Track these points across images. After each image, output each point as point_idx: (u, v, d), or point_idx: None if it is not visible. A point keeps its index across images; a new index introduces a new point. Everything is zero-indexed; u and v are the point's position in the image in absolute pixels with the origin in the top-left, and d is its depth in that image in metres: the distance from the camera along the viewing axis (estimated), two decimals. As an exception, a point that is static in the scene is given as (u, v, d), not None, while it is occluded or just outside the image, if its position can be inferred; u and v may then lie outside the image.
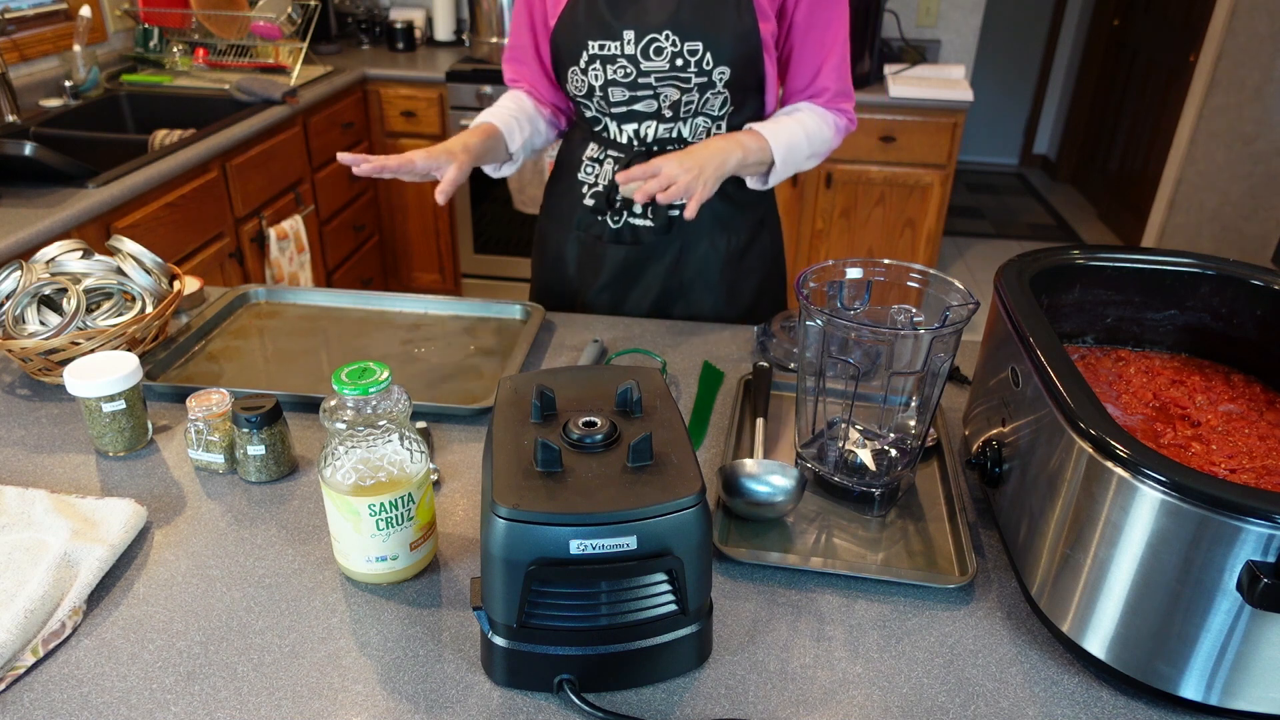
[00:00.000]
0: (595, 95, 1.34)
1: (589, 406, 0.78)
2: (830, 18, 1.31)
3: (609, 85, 1.32)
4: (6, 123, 2.29)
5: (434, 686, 0.75)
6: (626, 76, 1.31)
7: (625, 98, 1.33)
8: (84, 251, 1.22)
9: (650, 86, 1.31)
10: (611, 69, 1.31)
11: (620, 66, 1.30)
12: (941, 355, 0.93)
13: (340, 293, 1.42)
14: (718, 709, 0.73)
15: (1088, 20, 5.24)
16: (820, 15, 1.31)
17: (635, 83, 1.31)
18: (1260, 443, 0.86)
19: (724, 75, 1.29)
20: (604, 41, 1.29)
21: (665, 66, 1.29)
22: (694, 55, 1.27)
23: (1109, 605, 0.73)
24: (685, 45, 1.27)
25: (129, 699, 0.73)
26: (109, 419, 1.01)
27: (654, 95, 1.32)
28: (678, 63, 1.28)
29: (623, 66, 1.30)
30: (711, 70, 1.28)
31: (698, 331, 1.37)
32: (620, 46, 1.29)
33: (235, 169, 2.40)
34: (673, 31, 1.26)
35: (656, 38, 1.27)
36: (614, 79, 1.31)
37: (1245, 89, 3.73)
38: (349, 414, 0.78)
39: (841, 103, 1.38)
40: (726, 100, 1.32)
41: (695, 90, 1.31)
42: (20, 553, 0.84)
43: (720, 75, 1.29)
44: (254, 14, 2.92)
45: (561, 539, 0.66)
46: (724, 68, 1.28)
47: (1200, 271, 1.00)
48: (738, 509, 0.95)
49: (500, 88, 3.06)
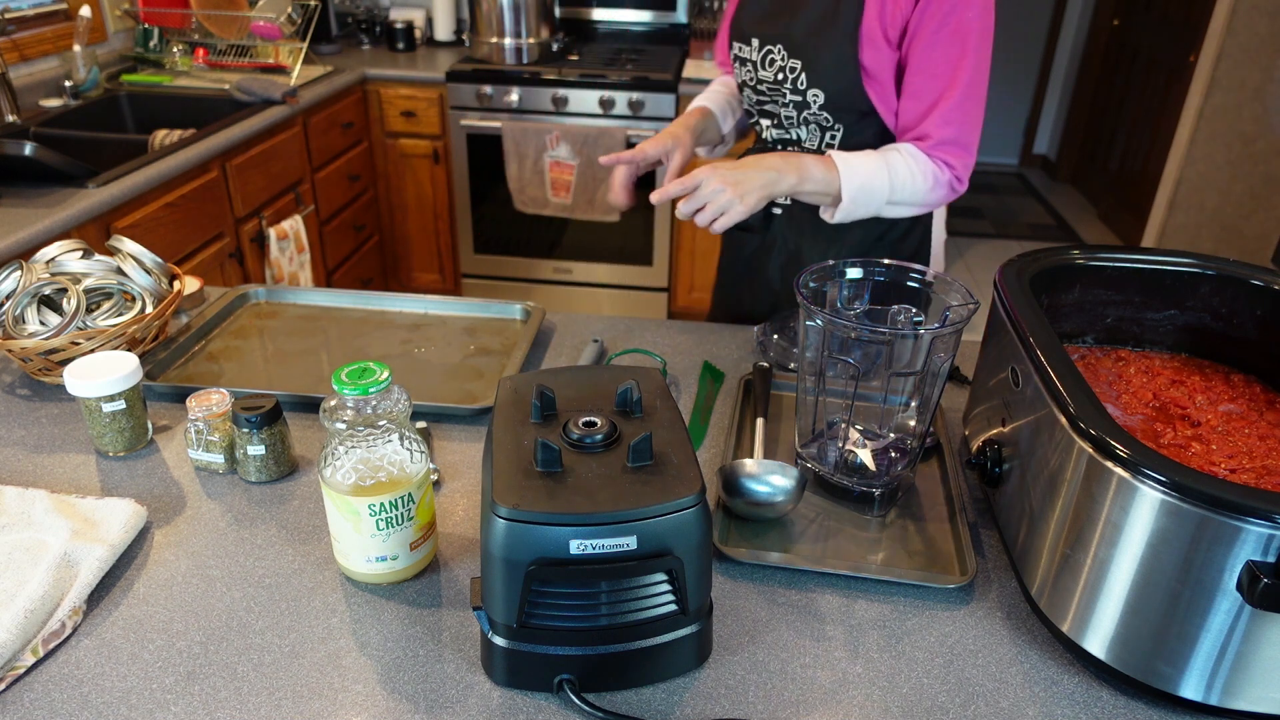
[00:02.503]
0: (743, 91, 1.40)
1: (589, 406, 0.78)
2: (943, 59, 1.18)
3: (743, 86, 1.38)
4: (6, 123, 2.29)
5: (434, 686, 0.75)
6: (750, 81, 1.35)
7: (753, 100, 1.37)
8: (84, 251, 1.22)
9: (766, 95, 1.34)
10: (744, 71, 1.35)
11: (749, 70, 1.34)
12: (941, 355, 0.93)
13: (340, 293, 1.42)
14: (718, 709, 0.73)
15: (1088, 20, 5.24)
16: (933, 55, 1.18)
17: (756, 88, 1.35)
18: (1260, 443, 0.86)
19: (818, 98, 1.27)
20: (740, 45, 1.34)
21: (771, 78, 1.31)
22: (793, 73, 1.28)
23: (1109, 605, 0.73)
24: (789, 62, 1.28)
25: (129, 699, 0.73)
26: (109, 419, 1.01)
27: (772, 103, 1.34)
28: (779, 77, 1.30)
29: (750, 71, 1.34)
30: (805, 91, 1.27)
31: (698, 331, 1.37)
32: (750, 52, 1.33)
33: (235, 169, 2.40)
34: (784, 46, 1.28)
35: (771, 50, 1.29)
36: (745, 80, 1.37)
37: (1245, 89, 3.73)
38: (349, 414, 0.78)
39: (946, 153, 1.21)
40: (830, 119, 1.29)
41: (792, 107, 1.31)
42: (20, 553, 0.84)
43: (814, 98, 1.27)
44: (254, 14, 2.92)
45: (561, 539, 0.66)
46: (817, 90, 1.26)
47: (1200, 271, 1.00)
48: (738, 509, 0.95)
49: (500, 88, 3.07)
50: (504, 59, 3.17)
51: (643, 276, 3.39)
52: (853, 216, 1.23)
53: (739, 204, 1.12)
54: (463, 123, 3.13)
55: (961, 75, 1.18)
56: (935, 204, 1.25)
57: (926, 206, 1.26)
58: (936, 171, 1.22)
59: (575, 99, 3.05)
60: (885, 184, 1.20)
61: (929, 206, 1.26)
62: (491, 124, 3.10)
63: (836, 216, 1.22)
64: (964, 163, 1.23)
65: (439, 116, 3.17)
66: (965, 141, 1.21)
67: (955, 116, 1.20)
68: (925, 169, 1.21)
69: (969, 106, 1.20)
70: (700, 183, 1.12)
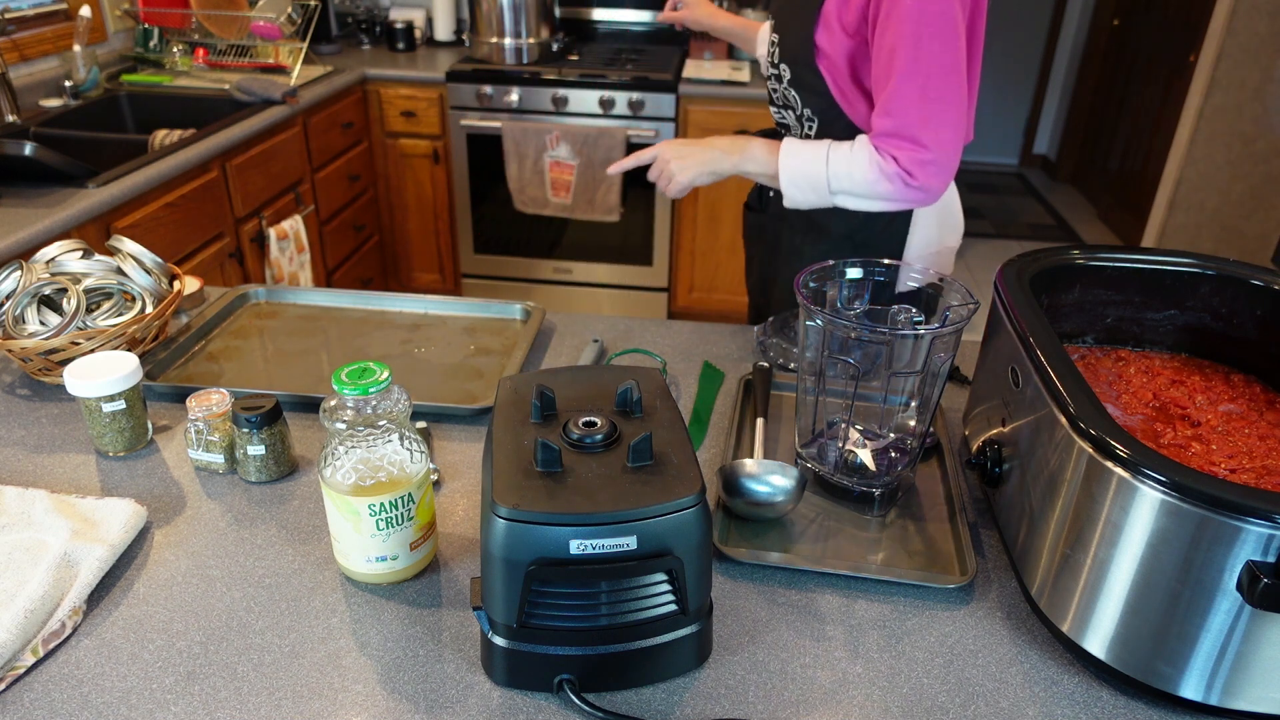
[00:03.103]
0: None
1: (589, 406, 0.78)
2: (888, 43, 1.13)
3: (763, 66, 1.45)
4: (6, 123, 2.29)
5: (434, 686, 0.75)
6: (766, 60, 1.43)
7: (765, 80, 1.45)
8: (84, 251, 1.22)
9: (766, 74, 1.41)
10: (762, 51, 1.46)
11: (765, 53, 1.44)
12: (941, 355, 0.93)
13: (340, 293, 1.42)
14: (718, 709, 0.73)
15: (1088, 20, 5.24)
16: (881, 39, 1.14)
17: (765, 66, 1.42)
18: (1260, 443, 0.86)
19: (786, 73, 1.32)
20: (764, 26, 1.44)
21: (764, 53, 1.40)
22: (774, 46, 1.35)
23: (1109, 605, 0.73)
24: (773, 35, 1.36)
25: (129, 699, 0.73)
26: (109, 419, 1.01)
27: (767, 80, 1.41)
28: (769, 51, 1.38)
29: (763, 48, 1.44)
30: (779, 64, 1.34)
31: (698, 331, 1.37)
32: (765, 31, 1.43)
33: (235, 169, 2.40)
34: (774, 20, 1.37)
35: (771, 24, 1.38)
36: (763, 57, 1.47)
37: (1245, 89, 3.73)
38: (349, 414, 0.78)
39: (888, 145, 1.15)
40: (799, 100, 1.33)
41: (774, 80, 1.37)
42: (20, 553, 0.84)
43: (784, 71, 1.33)
44: (254, 14, 2.92)
45: (561, 539, 0.66)
46: (785, 65, 1.32)
47: (1200, 271, 1.00)
48: (738, 509, 0.95)
49: (500, 88, 3.07)
50: (504, 59, 3.17)
51: (643, 276, 3.39)
52: (801, 203, 1.26)
53: (679, 175, 1.29)
54: (463, 123, 3.13)
55: (898, 64, 1.12)
56: (890, 198, 1.19)
57: (882, 199, 1.20)
58: (881, 163, 1.16)
59: (575, 99, 3.05)
60: (822, 172, 1.20)
61: (885, 200, 1.20)
62: (491, 124, 3.10)
63: (786, 202, 1.28)
64: (912, 156, 1.14)
65: (439, 116, 3.17)
66: (909, 134, 1.14)
67: (894, 106, 1.14)
68: (868, 161, 1.17)
69: (913, 96, 1.13)
70: (659, 151, 1.31)
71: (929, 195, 1.18)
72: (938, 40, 1.11)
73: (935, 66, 1.12)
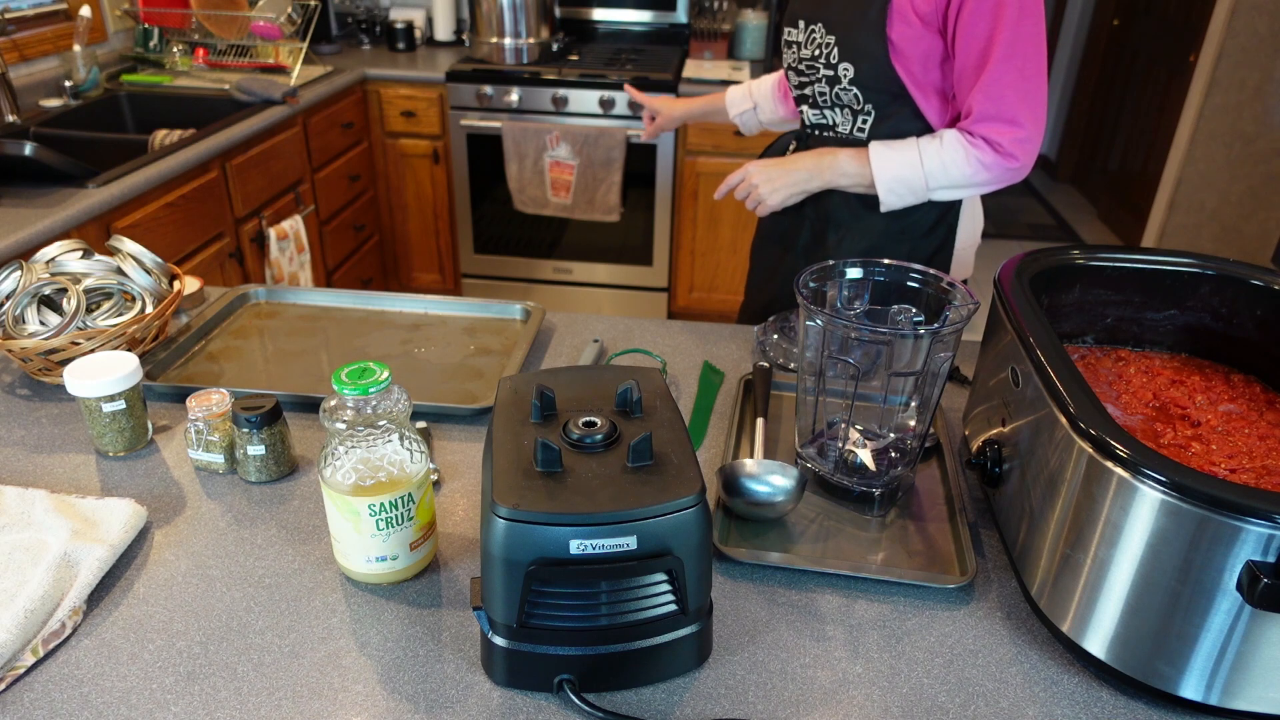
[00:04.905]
0: (788, 76, 1.44)
1: (589, 406, 0.78)
2: (983, 28, 1.16)
3: (789, 70, 1.43)
4: (6, 123, 2.29)
5: (434, 686, 0.75)
6: (794, 63, 1.40)
7: (796, 83, 1.42)
8: (84, 251, 1.22)
9: (805, 76, 1.38)
10: (789, 55, 1.41)
11: (793, 53, 1.39)
12: (941, 355, 0.92)
13: (340, 293, 1.42)
14: (718, 709, 0.73)
15: (1088, 20, 5.24)
16: (973, 25, 1.17)
17: (798, 69, 1.39)
18: (1260, 443, 0.86)
19: (848, 73, 1.30)
20: (789, 29, 1.39)
21: (810, 55, 1.36)
22: (828, 49, 1.32)
23: (1109, 605, 0.73)
24: (826, 38, 1.32)
25: (129, 699, 0.73)
26: (109, 419, 1.01)
27: (810, 83, 1.38)
28: (815, 54, 1.34)
29: (794, 53, 1.39)
30: (837, 65, 1.31)
31: (698, 331, 1.37)
32: (796, 34, 1.38)
33: (235, 169, 2.39)
34: (824, 24, 1.32)
35: (814, 29, 1.34)
36: (790, 64, 1.42)
37: (1245, 89, 3.73)
38: (349, 414, 0.78)
39: (987, 130, 1.20)
40: (859, 98, 1.32)
41: (825, 83, 1.34)
42: (20, 553, 0.84)
43: (845, 72, 1.30)
44: (254, 14, 2.92)
45: (561, 539, 0.66)
46: (848, 65, 1.30)
47: (1200, 271, 1.00)
48: (738, 509, 0.95)
49: (500, 88, 3.07)
50: (504, 59, 3.17)
51: (643, 276, 3.39)
52: (898, 205, 1.31)
53: (769, 198, 1.34)
54: (463, 123, 3.13)
55: (996, 47, 1.16)
56: (992, 183, 1.26)
57: (983, 186, 1.27)
58: (978, 154, 1.22)
59: (575, 99, 3.05)
60: (919, 175, 1.26)
61: (986, 185, 1.27)
62: (491, 124, 3.10)
63: (884, 207, 1.32)
64: (1012, 137, 1.20)
65: (439, 116, 3.17)
66: (1009, 115, 1.19)
67: (993, 90, 1.18)
68: (961, 154, 1.23)
69: (1011, 78, 1.17)
70: (746, 174, 1.35)
71: (1025, 171, 1.25)
72: (1030, 18, 1.17)
73: (1030, 46, 1.17)
